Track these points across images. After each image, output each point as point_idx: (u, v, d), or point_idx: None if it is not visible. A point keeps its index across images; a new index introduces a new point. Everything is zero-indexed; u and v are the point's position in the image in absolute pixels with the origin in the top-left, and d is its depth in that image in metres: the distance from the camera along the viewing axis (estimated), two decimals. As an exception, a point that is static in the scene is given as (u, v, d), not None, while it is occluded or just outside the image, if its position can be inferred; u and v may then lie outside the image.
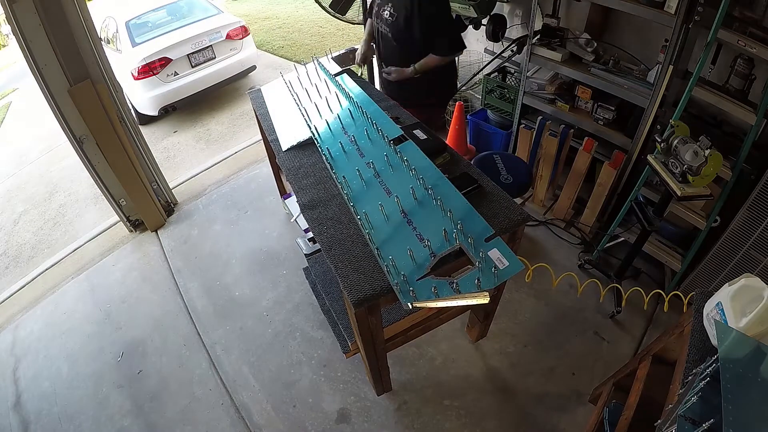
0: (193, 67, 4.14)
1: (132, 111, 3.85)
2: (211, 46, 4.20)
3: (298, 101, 1.88)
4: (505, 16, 2.63)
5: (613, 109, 2.17)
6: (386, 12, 1.98)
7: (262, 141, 2.40)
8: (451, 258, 1.14)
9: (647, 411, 1.18)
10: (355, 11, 2.40)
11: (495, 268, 1.07)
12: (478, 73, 2.78)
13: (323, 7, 2.32)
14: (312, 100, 1.87)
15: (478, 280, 1.05)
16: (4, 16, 2.07)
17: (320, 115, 1.74)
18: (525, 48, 2.33)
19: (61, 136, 2.40)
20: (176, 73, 4.05)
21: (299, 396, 1.87)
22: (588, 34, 2.24)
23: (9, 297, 2.63)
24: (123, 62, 3.89)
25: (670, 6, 1.73)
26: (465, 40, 3.06)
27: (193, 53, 4.09)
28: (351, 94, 1.79)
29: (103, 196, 2.68)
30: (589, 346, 1.97)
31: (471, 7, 2.29)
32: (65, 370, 2.12)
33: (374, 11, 2.09)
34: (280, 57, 5.91)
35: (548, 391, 1.82)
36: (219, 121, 4.32)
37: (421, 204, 1.27)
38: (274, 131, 1.85)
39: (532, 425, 1.73)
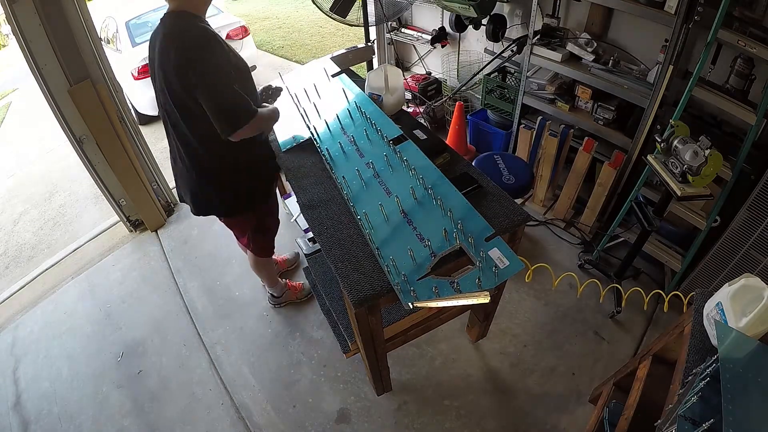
0: (193, 67, 4.13)
1: (132, 111, 3.85)
2: (211, 46, 4.19)
3: (297, 102, 1.88)
4: (505, 16, 2.64)
5: (613, 109, 2.17)
6: None
7: (262, 141, 2.40)
8: (451, 258, 1.14)
9: (647, 411, 1.18)
10: (355, 13, 2.39)
11: (495, 267, 1.07)
12: (478, 73, 2.78)
13: (323, 11, 2.31)
14: (311, 100, 1.87)
15: (479, 279, 1.05)
16: (4, 16, 2.07)
17: (319, 116, 1.74)
18: (525, 48, 2.33)
19: (61, 136, 2.40)
20: (176, 73, 4.04)
21: (299, 396, 1.87)
22: (588, 34, 2.24)
23: (9, 297, 2.62)
24: (123, 62, 3.89)
25: (670, 6, 1.73)
26: (465, 40, 3.02)
27: (193, 53, 4.09)
28: (350, 95, 1.79)
29: (103, 196, 2.68)
30: (589, 346, 1.97)
31: (471, 7, 2.29)
32: (65, 370, 2.12)
33: None
34: (280, 57, 5.91)
35: (548, 391, 1.82)
36: (219, 121, 4.31)
37: (421, 204, 1.27)
38: (274, 131, 1.85)
39: (532, 425, 1.73)
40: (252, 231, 1.81)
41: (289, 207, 2.57)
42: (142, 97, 3.99)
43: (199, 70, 1.22)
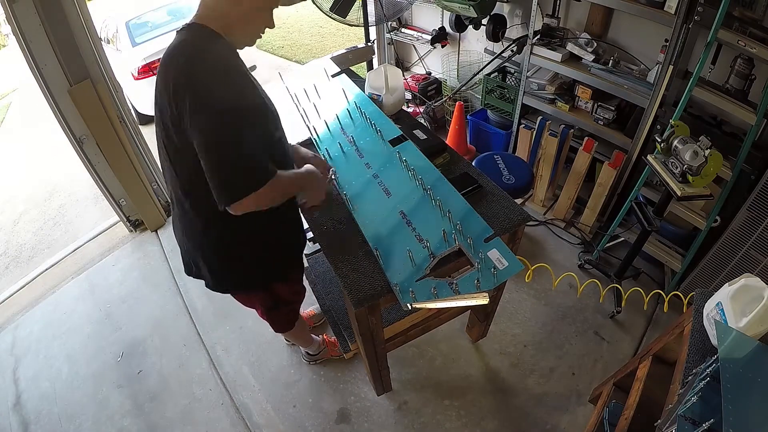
0: (193, 67, 4.13)
1: (132, 111, 3.84)
2: (211, 46, 4.19)
3: (296, 102, 1.88)
4: (505, 16, 2.63)
5: (613, 109, 2.17)
6: None
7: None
8: (450, 258, 1.14)
9: (647, 411, 1.18)
10: (355, 13, 2.39)
11: (494, 268, 1.07)
12: (478, 73, 2.78)
13: (323, 11, 2.31)
14: (310, 100, 1.87)
15: (478, 280, 1.05)
16: (4, 16, 2.07)
17: (319, 116, 1.74)
18: (525, 48, 2.33)
19: (61, 136, 2.40)
20: (176, 73, 4.04)
21: (299, 396, 1.87)
22: (588, 34, 2.24)
23: (9, 297, 2.62)
24: (123, 62, 3.89)
25: (670, 6, 1.73)
26: (465, 40, 3.01)
27: (193, 53, 4.09)
28: (350, 95, 1.79)
29: (103, 196, 2.68)
30: (589, 346, 1.97)
31: (471, 7, 2.29)
32: (65, 370, 2.12)
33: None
34: (280, 57, 5.91)
35: (548, 391, 1.82)
36: (219, 121, 4.31)
37: (420, 204, 1.27)
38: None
39: (532, 425, 1.73)
40: (264, 309, 1.46)
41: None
42: (142, 97, 3.98)
43: (197, 104, 0.91)
